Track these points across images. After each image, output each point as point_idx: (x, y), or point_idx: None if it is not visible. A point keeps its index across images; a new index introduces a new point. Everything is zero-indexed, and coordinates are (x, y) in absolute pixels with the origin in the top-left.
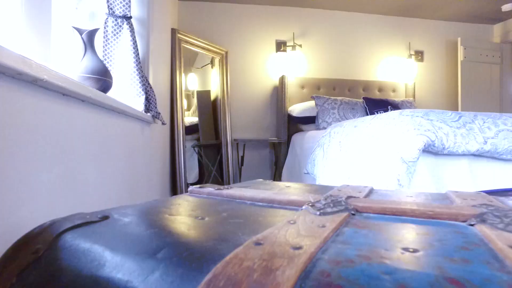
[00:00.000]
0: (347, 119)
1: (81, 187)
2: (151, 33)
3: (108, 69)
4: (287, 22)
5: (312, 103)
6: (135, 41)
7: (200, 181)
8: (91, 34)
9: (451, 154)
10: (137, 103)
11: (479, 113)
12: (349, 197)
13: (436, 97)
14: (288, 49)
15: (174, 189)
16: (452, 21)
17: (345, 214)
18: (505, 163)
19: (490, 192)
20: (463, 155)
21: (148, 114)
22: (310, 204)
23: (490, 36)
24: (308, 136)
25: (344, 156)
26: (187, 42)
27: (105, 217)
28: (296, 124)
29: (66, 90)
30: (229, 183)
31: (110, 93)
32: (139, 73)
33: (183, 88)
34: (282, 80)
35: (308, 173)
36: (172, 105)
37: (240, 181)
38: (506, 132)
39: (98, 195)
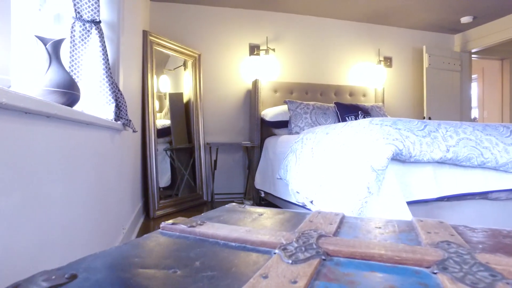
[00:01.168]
0: (319, 124)
1: (46, 208)
2: (122, 36)
3: (76, 77)
4: (261, 26)
5: (285, 107)
6: (105, 47)
7: (173, 184)
8: (57, 44)
9: (417, 162)
10: (107, 111)
11: (443, 121)
12: (320, 236)
13: (403, 102)
14: (262, 53)
15: (146, 195)
16: (418, 29)
17: (316, 261)
18: (465, 170)
19: (452, 197)
20: (428, 162)
21: (119, 122)
22: (282, 248)
23: (451, 45)
24: (281, 141)
25: (316, 163)
26: (159, 44)
27: (72, 276)
28: (269, 128)
29: (28, 109)
30: (202, 188)
31: (79, 103)
32: (109, 80)
33: (155, 91)
34: (255, 84)
35: (281, 178)
36: (143, 109)
37: (213, 184)
38: (465, 141)
39: (65, 214)
